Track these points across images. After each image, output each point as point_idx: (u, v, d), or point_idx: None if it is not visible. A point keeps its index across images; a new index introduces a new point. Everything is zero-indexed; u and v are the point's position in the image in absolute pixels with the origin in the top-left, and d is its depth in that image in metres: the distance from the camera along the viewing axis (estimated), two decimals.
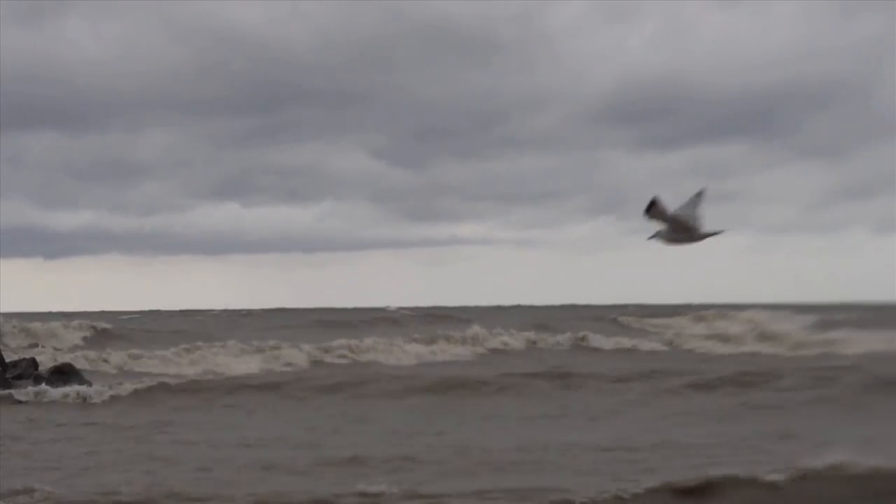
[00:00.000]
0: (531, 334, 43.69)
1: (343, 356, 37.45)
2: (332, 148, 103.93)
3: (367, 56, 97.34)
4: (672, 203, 8.72)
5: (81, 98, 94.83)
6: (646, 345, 41.59)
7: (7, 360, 26.97)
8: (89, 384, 26.18)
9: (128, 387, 24.30)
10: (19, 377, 25.49)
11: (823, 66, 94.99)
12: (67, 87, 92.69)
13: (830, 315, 47.68)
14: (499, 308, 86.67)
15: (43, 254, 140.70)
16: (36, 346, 37.44)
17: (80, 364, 29.63)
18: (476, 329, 42.96)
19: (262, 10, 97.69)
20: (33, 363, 26.80)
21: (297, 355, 36.48)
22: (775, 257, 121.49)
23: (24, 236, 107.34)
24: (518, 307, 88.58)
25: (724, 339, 43.89)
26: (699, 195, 8.81)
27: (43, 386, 24.29)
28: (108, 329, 45.03)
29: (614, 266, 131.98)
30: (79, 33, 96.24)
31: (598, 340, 42.33)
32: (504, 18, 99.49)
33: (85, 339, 42.44)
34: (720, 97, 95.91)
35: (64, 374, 26.26)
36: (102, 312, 68.01)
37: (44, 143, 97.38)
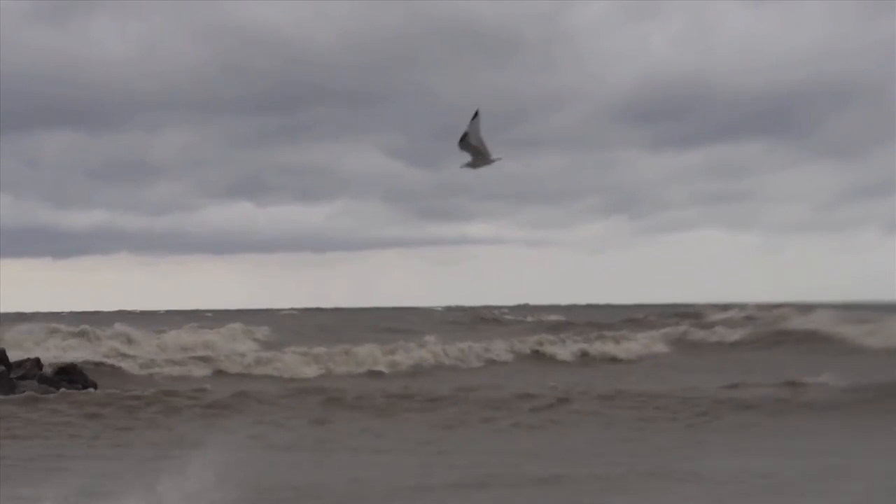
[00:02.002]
0: None
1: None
2: (350, 147, 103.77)
3: (390, 56, 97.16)
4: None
5: (103, 98, 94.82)
6: None
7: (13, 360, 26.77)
8: (94, 386, 25.93)
9: None
10: (24, 377, 25.24)
11: (845, 66, 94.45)
12: (89, 86, 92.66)
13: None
14: (525, 307, 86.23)
15: (52, 253, 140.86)
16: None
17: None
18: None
19: (285, 11, 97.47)
20: (37, 363, 26.55)
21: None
22: (786, 256, 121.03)
23: (35, 236, 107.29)
24: (548, 306, 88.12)
25: None
26: (476, 117, 9.68)
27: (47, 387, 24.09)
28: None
29: (623, 266, 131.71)
30: (104, 33, 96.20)
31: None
32: (528, 18, 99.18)
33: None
34: (741, 97, 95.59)
35: (68, 374, 26.05)
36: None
37: (62, 143, 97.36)
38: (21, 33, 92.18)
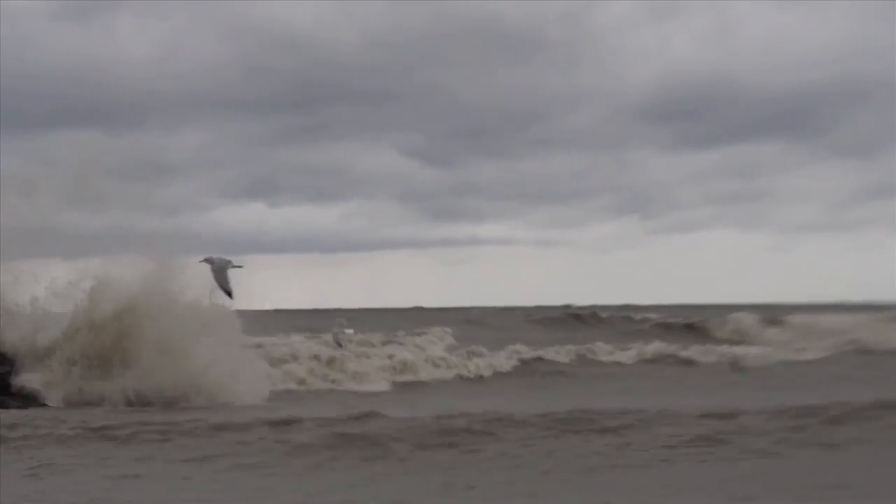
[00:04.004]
0: None
1: None
2: (367, 148, 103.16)
3: (412, 56, 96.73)
4: None
5: (124, 98, 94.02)
6: None
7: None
8: None
9: None
10: None
11: (867, 66, 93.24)
12: (110, 86, 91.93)
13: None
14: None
15: (61, 255, 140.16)
16: None
17: None
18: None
19: (309, 11, 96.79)
20: None
21: None
22: (797, 256, 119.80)
23: (45, 237, 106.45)
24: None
25: None
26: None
27: None
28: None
29: (632, 266, 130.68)
30: (127, 33, 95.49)
31: None
32: (553, 18, 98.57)
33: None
34: (762, 96, 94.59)
35: None
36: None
37: (80, 143, 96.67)
38: (43, 33, 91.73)
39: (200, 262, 9.74)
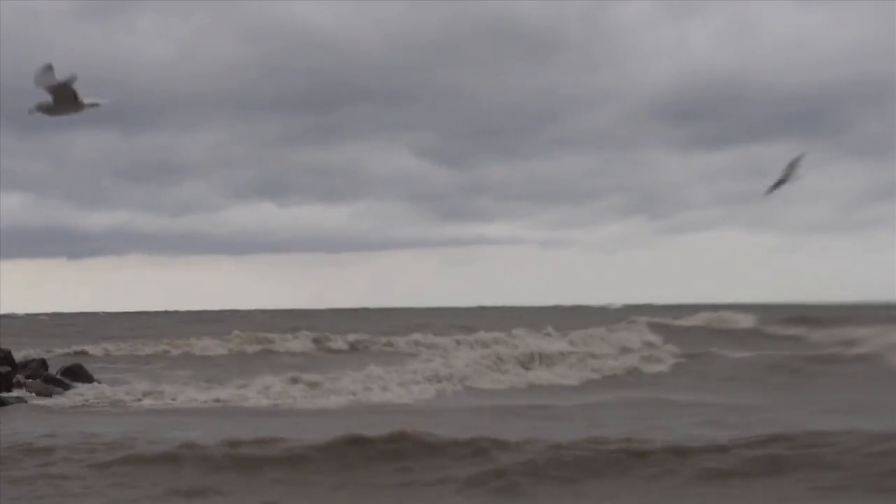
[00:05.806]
0: None
1: None
2: (381, 148, 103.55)
3: (430, 56, 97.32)
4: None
5: (141, 98, 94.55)
6: None
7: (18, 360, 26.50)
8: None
9: None
10: (30, 377, 25.00)
11: (884, 67, 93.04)
12: (128, 87, 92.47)
13: None
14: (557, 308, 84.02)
15: (68, 254, 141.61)
16: None
17: None
18: None
19: (327, 11, 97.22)
20: (43, 364, 26.28)
21: None
22: (805, 256, 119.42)
23: (53, 237, 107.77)
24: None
25: None
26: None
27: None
28: None
29: (637, 266, 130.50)
30: (147, 32, 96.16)
31: None
32: (571, 18, 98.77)
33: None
34: (778, 96, 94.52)
35: (75, 375, 25.78)
36: None
37: (93, 143, 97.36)
38: (63, 32, 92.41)
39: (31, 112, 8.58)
